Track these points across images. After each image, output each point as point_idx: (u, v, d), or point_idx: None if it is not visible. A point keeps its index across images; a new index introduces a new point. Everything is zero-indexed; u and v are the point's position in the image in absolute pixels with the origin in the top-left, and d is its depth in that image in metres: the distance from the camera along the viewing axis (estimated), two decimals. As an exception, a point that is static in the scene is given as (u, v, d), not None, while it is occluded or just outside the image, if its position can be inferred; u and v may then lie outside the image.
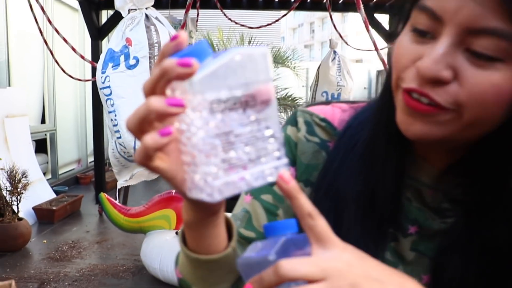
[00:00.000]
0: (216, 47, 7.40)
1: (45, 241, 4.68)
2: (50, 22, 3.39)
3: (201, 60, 0.44)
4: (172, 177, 0.48)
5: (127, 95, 2.23)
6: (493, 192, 0.58)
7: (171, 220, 3.79)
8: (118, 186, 2.59)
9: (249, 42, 7.51)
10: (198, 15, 4.78)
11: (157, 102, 0.43)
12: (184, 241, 0.61)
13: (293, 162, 0.72)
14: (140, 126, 0.45)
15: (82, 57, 3.40)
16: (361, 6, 2.26)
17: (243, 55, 0.44)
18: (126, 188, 5.58)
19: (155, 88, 0.45)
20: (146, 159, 0.45)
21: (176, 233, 3.64)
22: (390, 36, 5.57)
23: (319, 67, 4.84)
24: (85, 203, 6.15)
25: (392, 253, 0.66)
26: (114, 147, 2.33)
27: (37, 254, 4.34)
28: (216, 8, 4.85)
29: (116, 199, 3.91)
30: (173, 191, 3.74)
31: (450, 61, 0.51)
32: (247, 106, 0.46)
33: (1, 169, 4.46)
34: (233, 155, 0.45)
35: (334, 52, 4.66)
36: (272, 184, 0.55)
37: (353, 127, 0.68)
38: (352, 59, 12.00)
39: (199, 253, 0.59)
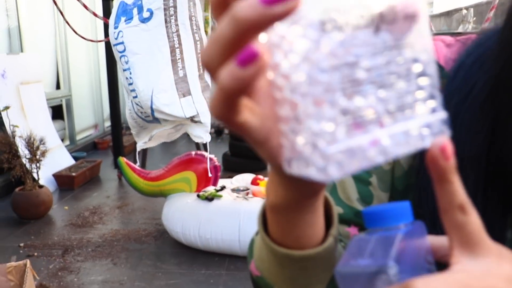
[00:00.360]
0: None
1: (66, 207, 4.69)
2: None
3: None
4: (264, 141, 0.31)
5: (141, 51, 2.08)
6: None
7: (192, 182, 3.73)
8: (138, 149, 2.49)
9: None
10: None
11: (248, 7, 0.24)
12: (265, 229, 0.45)
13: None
14: (221, 58, 0.26)
15: (95, 14, 3.25)
16: None
17: None
18: (144, 151, 5.52)
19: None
20: (228, 110, 0.28)
21: (198, 195, 3.58)
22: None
23: None
24: (104, 168, 6.14)
25: None
26: (131, 108, 2.21)
27: (59, 220, 4.35)
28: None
29: (135, 163, 3.84)
30: (193, 152, 3.65)
31: None
32: (382, 24, 0.27)
33: (19, 136, 4.42)
34: (361, 103, 0.27)
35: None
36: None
37: (467, 65, 0.52)
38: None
39: (288, 247, 0.43)
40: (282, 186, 0.39)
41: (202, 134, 2.21)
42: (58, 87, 6.91)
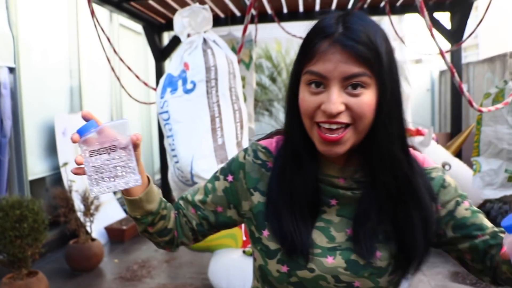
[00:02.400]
0: (275, 60, 7.40)
1: (116, 260, 4.82)
2: (115, 52, 3.54)
3: (84, 132, 0.90)
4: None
5: (184, 119, 2.22)
6: (375, 172, 0.92)
7: (238, 238, 3.77)
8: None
9: (308, 53, 7.47)
10: (256, 30, 4.78)
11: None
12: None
13: (231, 172, 1.07)
14: None
15: (146, 84, 3.51)
16: (425, 12, 2.14)
17: (110, 125, 0.88)
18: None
19: None
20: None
21: (244, 252, 3.61)
22: (452, 35, 5.29)
23: None
24: (154, 221, 6.29)
25: (324, 221, 0.97)
26: (173, 171, 2.33)
27: (109, 273, 4.47)
28: (273, 21, 4.84)
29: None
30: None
31: (340, 100, 0.86)
32: (111, 151, 0.87)
33: (76, 191, 4.66)
34: (105, 175, 0.86)
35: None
36: (215, 179, 1.09)
37: (276, 155, 1.03)
38: (412, 60, 11.54)
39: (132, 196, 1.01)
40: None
41: None
42: (112, 142, 7.26)
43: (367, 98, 0.86)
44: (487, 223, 0.99)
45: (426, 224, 0.92)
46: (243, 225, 3.11)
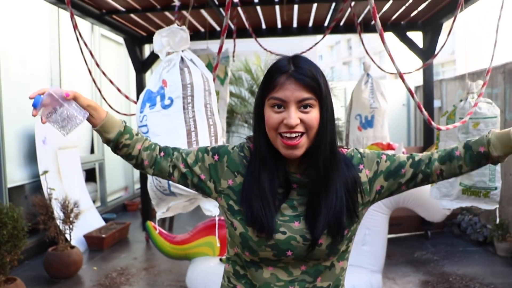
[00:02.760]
0: (254, 73, 7.56)
1: (95, 268, 4.89)
2: (98, 66, 3.63)
3: (36, 105, 1.27)
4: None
5: (162, 132, 2.36)
6: (317, 168, 1.24)
7: (215, 247, 3.88)
8: (157, 218, 2.75)
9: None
10: (235, 45, 4.94)
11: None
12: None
13: (218, 154, 1.36)
14: None
15: (127, 97, 3.62)
16: (384, 38, 2.31)
17: (50, 92, 1.30)
18: (172, 216, 5.74)
19: None
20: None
21: (220, 259, 3.73)
22: (424, 54, 5.53)
23: (353, 91, 4.88)
24: (133, 230, 6.37)
25: (289, 199, 1.28)
26: (152, 181, 2.46)
27: (88, 281, 4.53)
28: (251, 37, 5.00)
29: (163, 227, 4.04)
30: (216, 218, 3.83)
31: (297, 116, 1.19)
32: (58, 108, 1.27)
33: (55, 199, 4.72)
34: (63, 123, 1.27)
35: (368, 75, 4.68)
36: (205, 151, 1.37)
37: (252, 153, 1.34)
38: (392, 74, 11.81)
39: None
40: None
41: (211, 207, 2.45)
42: (92, 151, 7.31)
43: (314, 114, 1.21)
44: (403, 157, 1.36)
45: (349, 186, 1.28)
46: (220, 232, 3.23)
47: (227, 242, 1.40)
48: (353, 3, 4.22)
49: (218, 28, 5.80)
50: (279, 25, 5.78)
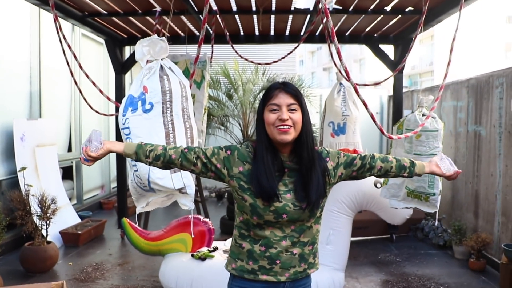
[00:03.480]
0: (232, 77, 7.74)
1: (70, 263, 5.00)
2: (81, 68, 3.77)
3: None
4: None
5: (142, 134, 2.56)
6: (302, 154, 1.81)
7: (187, 243, 4.06)
8: (137, 212, 2.94)
9: (263, 73, 7.86)
10: (212, 52, 5.13)
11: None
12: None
13: (230, 150, 1.86)
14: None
15: (108, 98, 3.77)
16: (342, 58, 2.53)
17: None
18: (147, 214, 5.90)
19: None
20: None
21: (192, 255, 3.90)
22: (394, 66, 5.82)
23: (326, 99, 5.11)
24: (108, 227, 6.48)
25: (283, 180, 1.82)
26: (133, 179, 2.65)
27: (63, 275, 4.65)
28: (229, 43, 5.19)
29: (136, 223, 4.19)
30: (190, 216, 4.01)
31: (287, 114, 1.78)
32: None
33: (32, 195, 4.82)
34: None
35: (340, 84, 4.91)
36: (219, 149, 1.88)
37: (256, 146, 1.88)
38: (370, 82, 12.15)
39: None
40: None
41: (187, 202, 2.66)
42: (70, 149, 7.39)
43: (298, 115, 1.81)
44: (355, 155, 1.95)
45: (323, 172, 1.86)
46: (192, 231, 3.45)
47: (235, 214, 1.94)
48: (324, 19, 4.45)
49: (197, 33, 5.98)
50: (257, 33, 5.99)
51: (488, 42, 27.98)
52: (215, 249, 4.08)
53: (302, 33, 5.90)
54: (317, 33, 5.91)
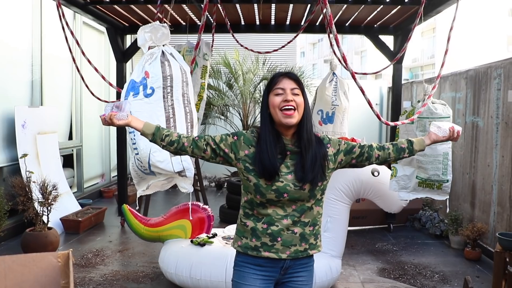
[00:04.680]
0: (233, 67, 7.77)
1: (71, 249, 5.02)
2: (83, 54, 3.80)
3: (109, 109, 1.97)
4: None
5: (144, 118, 2.58)
6: (303, 137, 1.95)
7: (187, 229, 4.11)
8: (138, 195, 3.00)
9: (263, 63, 7.89)
10: (213, 40, 5.15)
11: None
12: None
13: (237, 135, 2.00)
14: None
15: (111, 84, 3.79)
16: (340, 46, 2.57)
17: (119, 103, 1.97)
18: (147, 201, 5.96)
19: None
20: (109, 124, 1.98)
21: (191, 241, 3.96)
22: (394, 56, 5.85)
23: (317, 88, 5.13)
24: (108, 215, 6.54)
25: (285, 162, 1.94)
26: (134, 162, 2.69)
27: (64, 260, 4.70)
28: (230, 32, 5.22)
29: (136, 209, 4.24)
30: (189, 203, 4.07)
31: (291, 96, 1.93)
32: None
33: (34, 182, 4.87)
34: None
35: (333, 73, 4.92)
36: (226, 135, 2.03)
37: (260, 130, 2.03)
38: (372, 74, 12.17)
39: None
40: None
41: (187, 185, 2.73)
42: (70, 137, 7.43)
43: (300, 98, 1.95)
44: (354, 143, 2.06)
45: (322, 155, 1.96)
46: (191, 218, 3.54)
47: (241, 194, 2.05)
48: (324, 10, 4.47)
49: (198, 22, 6.00)
50: (257, 22, 6.01)
51: (490, 35, 27.93)
52: (214, 235, 4.14)
53: (302, 23, 5.92)
54: (317, 23, 5.93)
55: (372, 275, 4.50)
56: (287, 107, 1.90)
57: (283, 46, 5.18)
